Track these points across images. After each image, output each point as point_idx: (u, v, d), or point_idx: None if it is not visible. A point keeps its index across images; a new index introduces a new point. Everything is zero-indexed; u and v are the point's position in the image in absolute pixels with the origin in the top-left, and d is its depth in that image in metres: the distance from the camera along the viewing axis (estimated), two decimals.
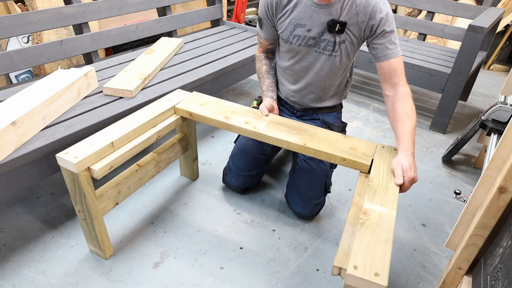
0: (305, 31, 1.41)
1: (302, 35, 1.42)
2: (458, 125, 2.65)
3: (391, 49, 1.34)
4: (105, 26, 2.69)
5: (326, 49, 1.43)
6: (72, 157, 1.18)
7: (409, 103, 1.30)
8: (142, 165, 1.51)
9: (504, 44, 3.77)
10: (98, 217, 1.33)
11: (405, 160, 1.19)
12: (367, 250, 0.93)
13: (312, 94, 1.58)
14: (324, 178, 1.60)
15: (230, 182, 1.78)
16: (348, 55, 1.45)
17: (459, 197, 1.84)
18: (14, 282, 1.34)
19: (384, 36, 1.34)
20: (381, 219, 1.03)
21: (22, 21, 1.77)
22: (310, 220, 1.70)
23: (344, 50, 1.42)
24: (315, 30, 1.40)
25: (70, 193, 1.28)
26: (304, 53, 1.47)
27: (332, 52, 1.42)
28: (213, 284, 1.38)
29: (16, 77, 2.44)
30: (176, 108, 1.53)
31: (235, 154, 1.75)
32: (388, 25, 1.33)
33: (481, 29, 2.12)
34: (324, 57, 1.45)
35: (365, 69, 2.67)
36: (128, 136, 1.34)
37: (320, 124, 1.62)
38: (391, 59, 1.34)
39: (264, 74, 1.63)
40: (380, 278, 0.86)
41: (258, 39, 1.62)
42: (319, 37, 1.41)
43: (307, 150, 1.33)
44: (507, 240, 0.97)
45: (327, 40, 1.41)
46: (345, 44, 1.40)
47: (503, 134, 1.09)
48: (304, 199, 1.63)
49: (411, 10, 4.03)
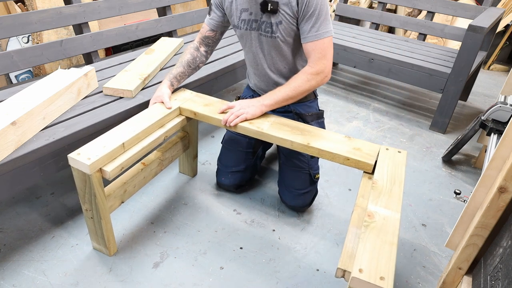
0: (248, 14, 1.46)
1: (247, 19, 1.47)
2: (458, 125, 2.65)
3: (310, 32, 1.39)
4: (105, 26, 2.69)
5: (266, 31, 1.46)
6: (85, 158, 1.18)
7: (299, 77, 1.43)
8: (147, 164, 1.52)
9: (504, 44, 3.77)
10: (106, 216, 1.34)
11: (244, 102, 1.42)
12: (372, 253, 0.93)
13: (272, 80, 1.59)
14: (306, 170, 1.63)
15: (221, 182, 1.79)
16: (290, 35, 1.45)
17: (459, 197, 1.84)
18: (14, 282, 1.34)
19: (307, 19, 1.38)
20: (386, 222, 1.02)
21: (22, 21, 1.77)
22: (309, 220, 1.70)
23: (283, 30, 1.44)
24: (255, 13, 1.45)
25: (79, 193, 1.29)
26: (251, 38, 1.51)
27: (272, 34, 1.45)
28: (213, 284, 1.38)
29: (16, 77, 2.44)
30: (181, 108, 1.54)
31: (222, 154, 1.79)
32: (312, 7, 1.35)
33: (481, 29, 2.12)
34: (266, 39, 1.48)
35: (365, 69, 2.67)
36: (138, 137, 1.35)
37: (292, 117, 1.61)
38: (307, 42, 1.41)
39: (182, 62, 1.63)
40: (386, 282, 0.86)
41: (202, 25, 1.65)
42: (260, 19, 1.45)
43: (310, 150, 1.33)
44: (507, 240, 0.97)
45: (265, 22, 1.44)
46: (283, 25, 1.42)
47: (503, 134, 1.09)
48: (291, 191, 1.67)
49: (411, 10, 4.03)
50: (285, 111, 1.65)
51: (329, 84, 3.15)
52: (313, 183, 1.67)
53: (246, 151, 1.73)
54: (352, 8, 3.27)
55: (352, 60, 2.69)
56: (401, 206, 1.80)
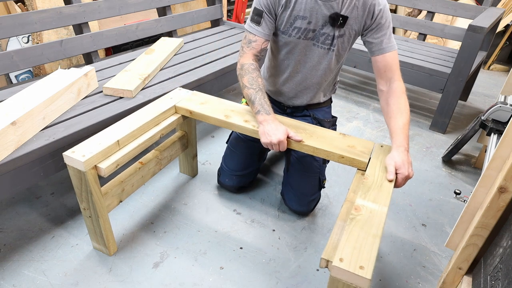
0: (305, 23, 1.37)
1: (303, 28, 1.38)
2: (458, 125, 2.65)
3: (386, 43, 1.35)
4: (105, 26, 2.69)
5: (324, 43, 1.41)
6: (79, 155, 1.19)
7: (402, 99, 1.30)
8: (145, 163, 1.52)
9: (504, 44, 3.77)
10: (103, 214, 1.34)
11: (398, 157, 1.20)
12: (354, 244, 0.95)
13: (307, 89, 1.55)
14: (317, 175, 1.62)
15: (224, 183, 1.78)
16: (345, 49, 1.45)
17: (459, 197, 1.84)
18: (14, 282, 1.34)
19: (380, 30, 1.34)
20: (372, 215, 1.04)
21: (22, 21, 1.77)
22: (309, 220, 1.70)
23: (341, 44, 1.41)
24: (316, 23, 1.37)
25: (76, 191, 1.29)
26: (302, 46, 1.43)
27: (330, 46, 1.41)
28: (213, 284, 1.38)
29: (16, 77, 2.44)
30: (176, 106, 1.54)
31: (227, 155, 1.77)
32: (385, 18, 1.33)
33: (481, 29, 2.12)
34: (322, 51, 1.43)
35: (365, 69, 2.67)
36: (133, 135, 1.36)
37: (310, 121, 1.61)
38: (386, 53, 1.34)
39: (262, 88, 1.38)
40: (365, 271, 0.88)
41: (250, 39, 1.41)
42: (319, 30, 1.39)
43: (305, 148, 1.34)
44: (507, 240, 0.97)
45: (326, 34, 1.39)
46: (343, 39, 1.40)
47: (503, 134, 1.09)
48: (299, 196, 1.65)
49: (411, 10, 4.03)
50: (303, 115, 1.65)
51: None
52: (320, 188, 1.66)
53: (252, 156, 1.71)
54: None
55: (352, 60, 2.69)
56: (398, 203, 1.81)
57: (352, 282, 0.90)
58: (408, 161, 1.20)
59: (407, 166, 1.18)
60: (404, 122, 1.26)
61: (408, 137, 1.25)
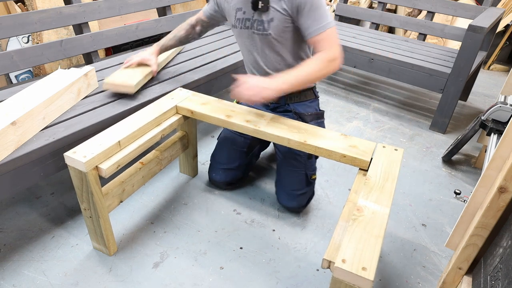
0: (242, 13, 1.48)
1: (241, 18, 1.49)
2: (458, 125, 2.65)
3: (314, 26, 1.37)
4: (105, 26, 2.69)
5: (258, 29, 1.47)
6: (80, 156, 1.19)
7: (314, 59, 1.36)
8: (145, 163, 1.52)
9: (504, 44, 3.77)
10: (104, 214, 1.34)
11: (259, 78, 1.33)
12: (357, 244, 0.95)
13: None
14: (303, 170, 1.62)
15: (212, 177, 1.80)
16: (283, 32, 1.45)
17: (459, 197, 1.84)
18: (14, 282, 1.34)
19: (304, 15, 1.37)
20: (374, 216, 1.04)
21: (22, 21, 1.77)
22: (310, 220, 1.70)
23: (275, 28, 1.43)
24: (248, 12, 1.46)
25: (77, 192, 1.29)
26: (246, 36, 1.52)
27: (264, 31, 1.46)
28: (213, 284, 1.38)
29: (16, 77, 2.44)
30: (178, 106, 1.54)
31: (216, 150, 1.80)
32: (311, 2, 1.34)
33: (481, 29, 2.12)
34: (262, 37, 1.48)
35: (365, 69, 2.67)
36: (134, 135, 1.36)
37: (292, 116, 1.61)
38: (313, 36, 1.38)
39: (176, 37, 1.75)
40: (367, 273, 0.88)
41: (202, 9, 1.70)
42: (252, 17, 1.46)
43: (307, 147, 1.34)
44: (507, 240, 0.97)
45: (257, 20, 1.45)
46: (275, 22, 1.42)
47: (503, 134, 1.09)
48: (287, 192, 1.67)
49: (411, 10, 4.03)
50: (284, 111, 1.66)
51: (329, 84, 3.15)
52: (309, 184, 1.66)
53: (240, 149, 1.73)
54: (352, 8, 3.27)
55: (352, 60, 2.69)
56: (398, 203, 1.81)
57: (354, 283, 0.90)
58: (263, 84, 1.30)
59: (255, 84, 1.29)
60: (302, 68, 1.34)
61: (296, 80, 1.33)
